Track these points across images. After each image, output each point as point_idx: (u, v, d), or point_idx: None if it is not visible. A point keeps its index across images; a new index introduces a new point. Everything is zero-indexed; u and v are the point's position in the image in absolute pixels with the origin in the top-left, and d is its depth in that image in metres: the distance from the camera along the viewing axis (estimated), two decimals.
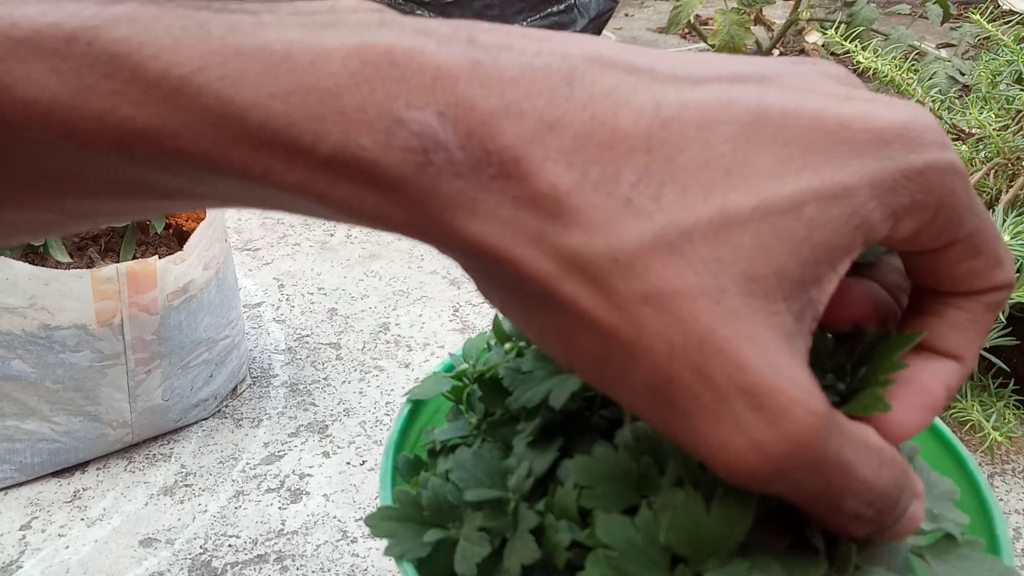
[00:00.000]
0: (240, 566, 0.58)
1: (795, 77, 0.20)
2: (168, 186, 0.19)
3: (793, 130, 0.19)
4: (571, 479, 0.25)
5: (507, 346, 0.33)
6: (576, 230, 0.18)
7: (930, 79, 0.91)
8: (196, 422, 0.71)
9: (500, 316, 0.34)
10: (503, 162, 0.18)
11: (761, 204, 0.18)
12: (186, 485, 0.65)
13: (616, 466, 0.24)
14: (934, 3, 1.32)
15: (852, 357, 0.23)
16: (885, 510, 0.20)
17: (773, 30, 1.57)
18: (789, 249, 0.18)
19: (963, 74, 0.94)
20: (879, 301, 0.23)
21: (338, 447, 0.69)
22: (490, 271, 0.19)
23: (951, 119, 0.75)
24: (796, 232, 0.18)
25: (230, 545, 0.60)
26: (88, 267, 0.67)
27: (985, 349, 0.67)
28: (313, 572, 0.58)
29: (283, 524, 0.61)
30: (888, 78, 0.76)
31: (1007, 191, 0.70)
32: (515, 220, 0.18)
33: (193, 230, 0.66)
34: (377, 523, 0.30)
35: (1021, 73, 0.74)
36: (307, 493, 0.64)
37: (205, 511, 0.63)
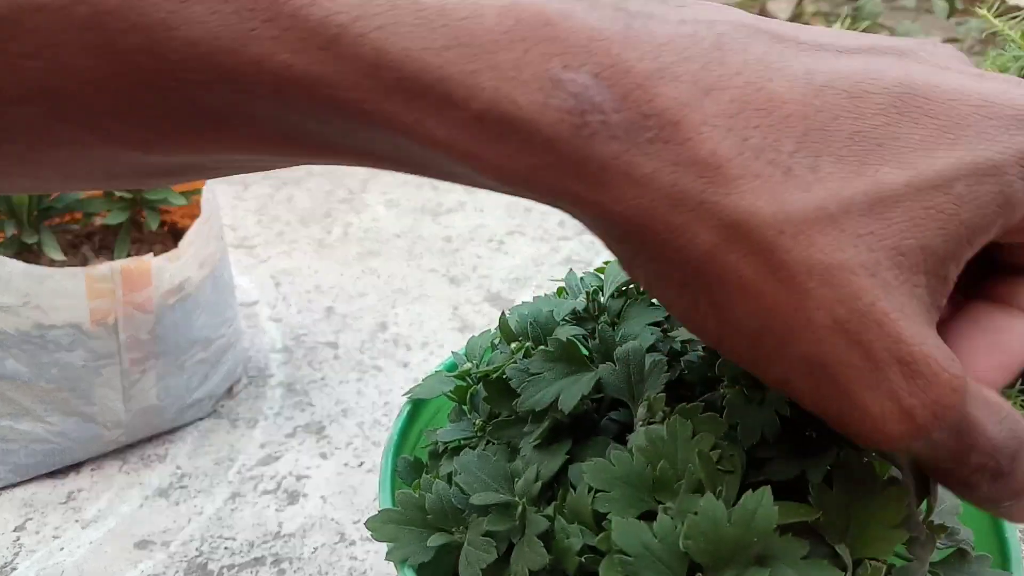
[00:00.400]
0: (236, 569, 0.57)
1: (927, 54, 0.21)
2: (316, 136, 0.19)
3: (940, 104, 0.19)
4: (584, 482, 0.25)
5: (513, 346, 0.32)
6: (740, 199, 0.18)
7: None
8: (191, 423, 0.70)
9: (506, 315, 0.33)
10: (661, 125, 0.18)
11: (914, 179, 0.18)
12: (181, 487, 0.64)
13: (631, 470, 0.24)
14: None
15: None
16: (1006, 459, 0.21)
17: None
18: (937, 224, 0.18)
19: None
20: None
21: (336, 448, 0.68)
22: (640, 241, 0.19)
23: None
24: (944, 208, 0.18)
25: (226, 548, 0.59)
26: (82, 265, 0.66)
27: None
28: (310, 575, 0.57)
29: (280, 526, 0.61)
30: None
31: None
32: (674, 186, 0.18)
33: (188, 227, 0.65)
34: (379, 527, 0.29)
35: None
36: (304, 495, 0.63)
37: (201, 513, 0.62)
